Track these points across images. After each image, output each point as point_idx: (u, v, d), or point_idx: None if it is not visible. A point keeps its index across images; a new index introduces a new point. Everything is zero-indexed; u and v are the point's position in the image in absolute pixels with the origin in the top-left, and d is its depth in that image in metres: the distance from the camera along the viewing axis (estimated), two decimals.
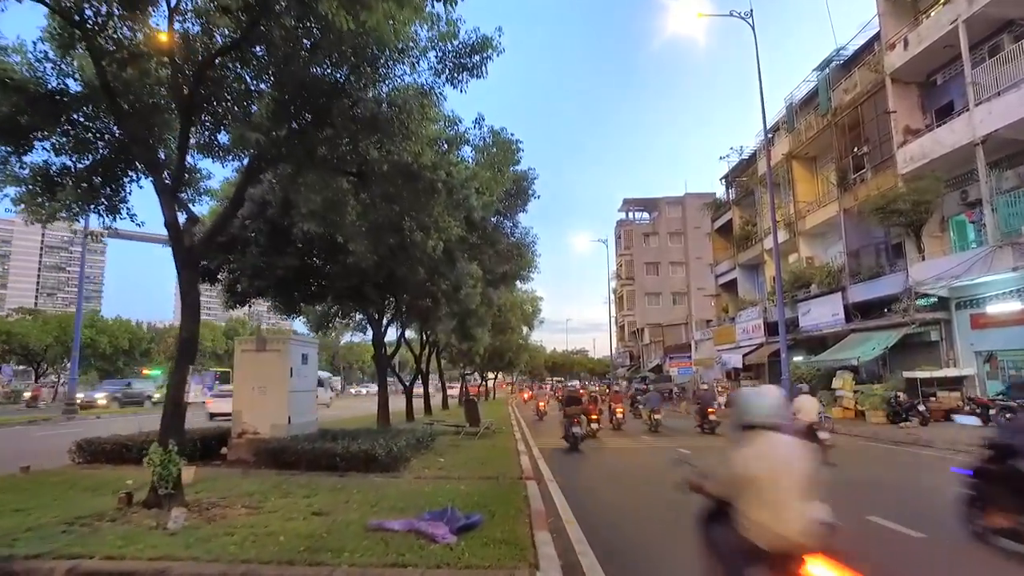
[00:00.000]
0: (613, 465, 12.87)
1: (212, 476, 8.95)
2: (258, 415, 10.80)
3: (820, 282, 27.05)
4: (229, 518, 6.36)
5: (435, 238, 9.43)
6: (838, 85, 26.70)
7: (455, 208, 8.80)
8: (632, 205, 73.74)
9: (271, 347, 11.05)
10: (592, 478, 10.83)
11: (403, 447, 10.38)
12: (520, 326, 42.62)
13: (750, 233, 36.95)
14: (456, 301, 19.14)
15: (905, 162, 21.24)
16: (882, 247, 24.69)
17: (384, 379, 17.11)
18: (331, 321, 23.66)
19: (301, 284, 16.33)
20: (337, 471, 9.59)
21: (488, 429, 16.73)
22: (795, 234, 30.27)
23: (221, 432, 11.41)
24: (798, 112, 31.06)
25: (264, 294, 16.72)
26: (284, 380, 10.88)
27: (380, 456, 9.69)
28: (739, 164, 39.90)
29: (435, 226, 9.37)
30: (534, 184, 15.64)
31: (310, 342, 12.71)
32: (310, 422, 11.81)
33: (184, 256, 7.29)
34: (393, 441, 10.64)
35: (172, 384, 7.07)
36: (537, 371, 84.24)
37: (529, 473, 9.98)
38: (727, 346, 38.49)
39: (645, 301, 67.90)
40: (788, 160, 30.96)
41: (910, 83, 22.19)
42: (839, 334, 25.84)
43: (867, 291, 24.04)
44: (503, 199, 15.62)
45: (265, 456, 9.86)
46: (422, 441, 12.41)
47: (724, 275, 41.23)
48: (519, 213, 15.99)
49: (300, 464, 9.70)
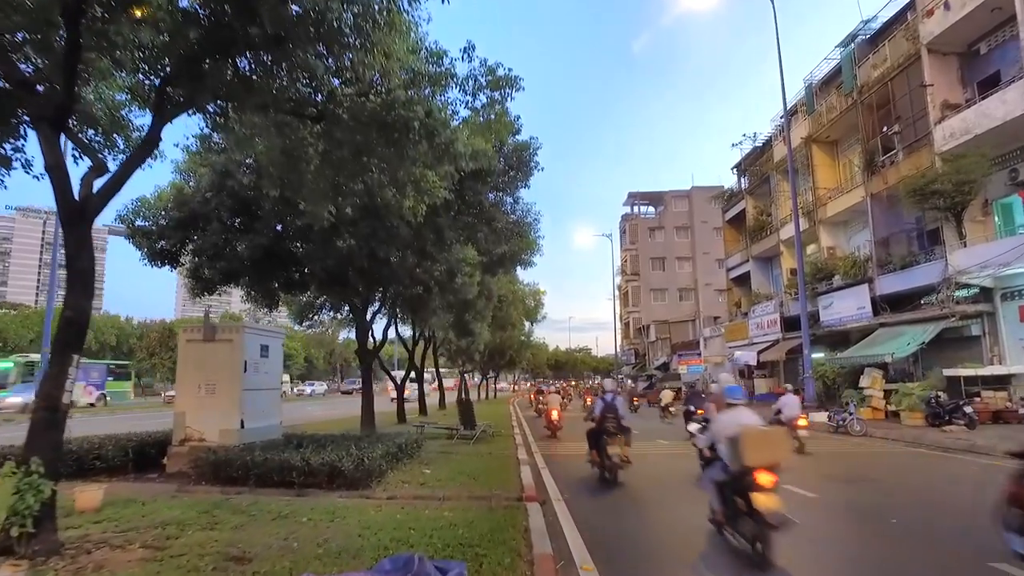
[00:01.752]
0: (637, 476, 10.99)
1: (132, 496, 7.12)
2: (205, 418, 8.98)
3: (845, 273, 25.17)
4: (109, 568, 4.53)
5: (412, 198, 7.57)
6: (864, 61, 24.78)
7: (438, 159, 6.94)
8: (637, 199, 71.78)
9: (221, 336, 9.21)
10: (612, 496, 8.96)
11: (378, 458, 8.55)
12: (522, 321, 40.73)
13: (764, 223, 35.07)
14: (451, 290, 17.31)
15: (944, 139, 19.33)
16: (914, 234, 22.80)
17: (369, 377, 15.27)
18: (316, 313, 21.82)
19: (275, 269, 14.52)
20: (293, 488, 7.77)
21: (485, 432, 14.90)
22: (815, 223, 28.37)
23: (163, 438, 9.55)
24: (818, 93, 29.16)
25: (233, 280, 14.91)
26: (236, 376, 9.05)
27: (347, 470, 7.87)
28: (752, 152, 38.03)
29: (414, 185, 7.53)
30: (536, 155, 13.78)
31: (272, 331, 10.82)
32: (271, 427, 9.96)
33: (72, 209, 5.46)
34: (369, 450, 8.82)
35: (47, 380, 5.26)
36: (539, 370, 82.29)
37: (531, 491, 8.13)
38: (739, 343, 36.65)
39: (651, 297, 65.99)
40: (807, 144, 29.06)
41: (949, 53, 20.26)
42: (865, 329, 23.98)
43: (898, 282, 22.16)
44: (502, 173, 13.78)
45: (206, 469, 8.04)
46: (405, 449, 10.58)
47: (736, 268, 39.33)
48: (520, 189, 14.14)
49: (248, 480, 7.88)
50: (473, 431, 14.47)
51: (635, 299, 67.33)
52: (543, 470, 11.12)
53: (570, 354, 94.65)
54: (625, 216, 72.07)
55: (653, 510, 7.96)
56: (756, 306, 34.75)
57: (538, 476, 10.20)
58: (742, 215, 38.09)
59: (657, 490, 9.41)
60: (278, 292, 16.50)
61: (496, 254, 14.36)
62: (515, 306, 34.50)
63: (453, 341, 33.02)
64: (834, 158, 29.03)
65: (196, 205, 12.87)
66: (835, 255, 27.79)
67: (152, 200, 13.10)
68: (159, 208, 13.05)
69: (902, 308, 22.34)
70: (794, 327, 30.65)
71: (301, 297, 20.24)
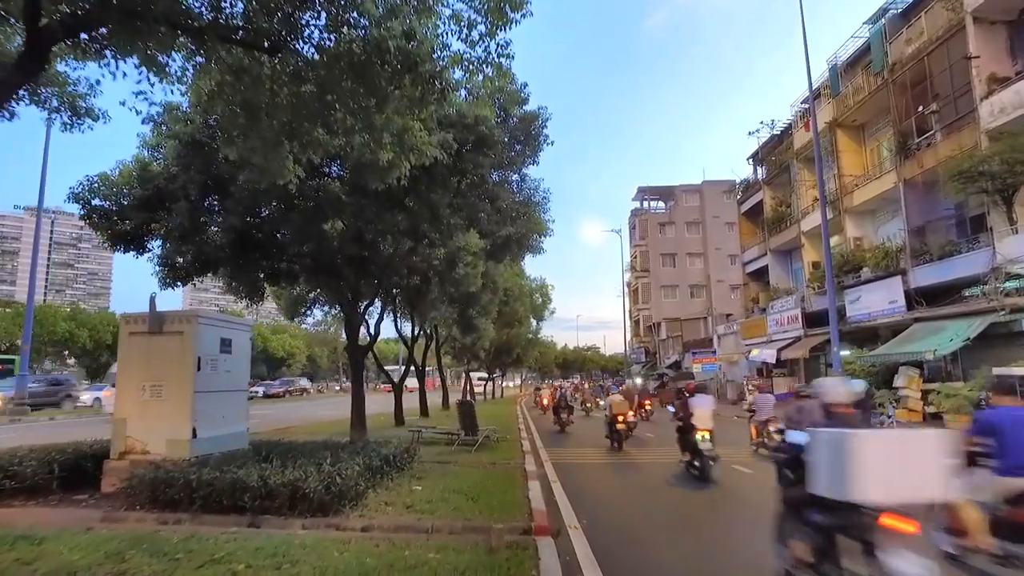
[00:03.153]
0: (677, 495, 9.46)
1: (31, 529, 5.58)
2: (149, 426, 7.49)
3: (875, 265, 23.44)
4: None
5: (390, 149, 6.02)
6: (896, 37, 23.05)
7: (422, 100, 5.41)
8: (647, 194, 69.97)
9: (171, 328, 7.71)
10: (642, 520, 7.41)
11: (355, 475, 7.01)
12: (528, 318, 39.13)
13: (784, 215, 33.32)
14: (451, 281, 15.83)
15: (992, 115, 17.62)
16: (953, 221, 21.06)
17: (360, 375, 13.75)
18: (309, 308, 20.36)
19: (256, 256, 13.06)
20: (247, 514, 6.27)
21: (488, 438, 13.36)
22: (841, 212, 26.63)
23: (105, 449, 8.00)
24: (843, 74, 27.42)
25: (210, 269, 13.47)
26: (188, 375, 7.55)
27: (314, 491, 6.35)
28: (770, 140, 36.28)
29: (395, 137, 5.98)
30: (546, 127, 12.20)
31: (236, 322, 9.24)
32: (234, 435, 8.44)
33: None
34: (346, 464, 7.31)
35: None
36: (547, 368, 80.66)
37: (542, 519, 6.58)
38: (757, 340, 34.92)
39: (661, 294, 64.21)
40: (832, 129, 27.33)
41: (996, 22, 18.54)
42: (897, 324, 22.29)
43: (935, 273, 20.47)
44: (507, 147, 12.23)
45: (141, 490, 6.54)
46: (393, 461, 9.06)
47: (753, 262, 37.60)
48: (527, 165, 12.57)
49: (192, 503, 6.38)
50: (475, 437, 12.94)
51: (645, 296, 65.59)
52: (554, 483, 9.58)
53: (579, 352, 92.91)
54: (634, 211, 70.30)
55: (700, 542, 6.39)
56: (775, 301, 33.04)
57: (549, 493, 8.67)
58: (759, 207, 36.36)
59: (705, 513, 7.83)
60: (263, 283, 15.05)
61: (500, 236, 12.78)
62: (521, 301, 32.94)
63: (457, 339, 31.56)
64: (860, 143, 27.30)
65: (162, 182, 11.41)
66: (862, 246, 26.08)
67: (114, 177, 11.65)
68: (121, 186, 11.60)
69: (940, 302, 20.66)
70: (817, 323, 29.01)
71: (292, 290, 18.82)
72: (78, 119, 7.99)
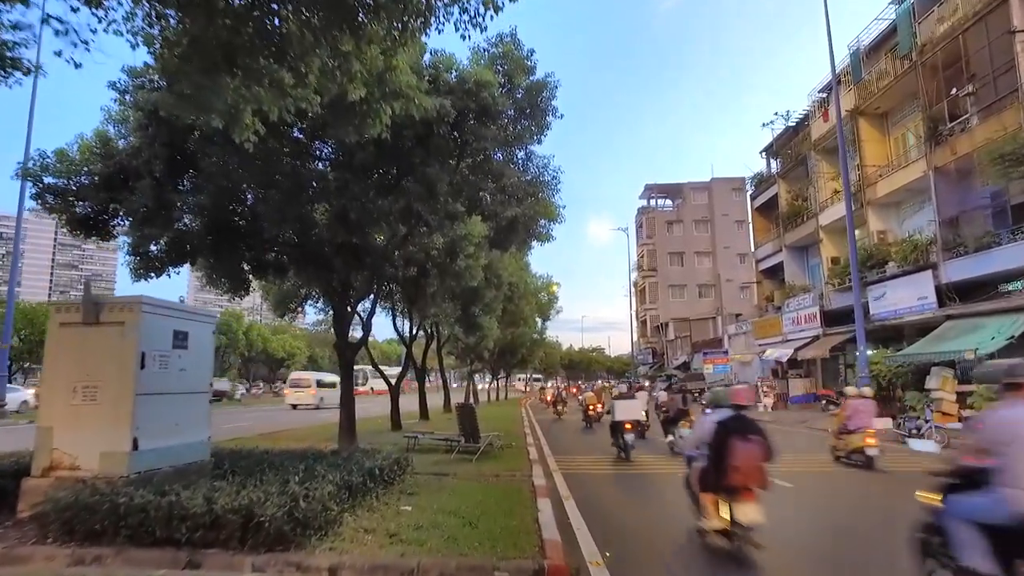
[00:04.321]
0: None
1: None
2: (80, 436, 6.20)
3: (904, 259, 22.03)
4: None
5: (361, 82, 4.69)
6: (926, 16, 21.70)
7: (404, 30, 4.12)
8: (654, 191, 68.53)
9: (110, 317, 6.42)
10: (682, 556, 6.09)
11: (325, 496, 5.71)
12: (534, 318, 37.79)
13: (800, 209, 31.92)
14: (452, 274, 14.55)
15: None
16: (990, 211, 19.65)
17: (350, 375, 12.44)
18: (299, 304, 19.08)
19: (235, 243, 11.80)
20: (186, 548, 4.98)
21: (491, 446, 12.03)
22: (863, 204, 25.22)
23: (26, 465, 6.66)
24: (865, 60, 26.03)
25: (186, 258, 12.23)
26: (128, 374, 6.26)
27: (271, 519, 5.05)
28: (784, 132, 34.91)
29: (375, 78, 4.70)
30: (555, 98, 10.88)
31: (195, 313, 7.83)
32: (191, 446, 7.13)
33: None
34: (318, 483, 6.03)
35: None
36: (552, 369, 79.30)
37: (556, 554, 5.27)
38: (771, 339, 33.56)
39: (669, 294, 62.81)
40: (854, 117, 25.92)
41: None
42: (927, 322, 20.93)
43: (971, 267, 19.11)
44: (512, 120, 10.93)
45: (55, 518, 5.26)
46: (381, 474, 7.76)
47: (767, 259, 36.19)
48: (534, 142, 11.23)
49: (117, 534, 5.09)
50: (477, 444, 11.61)
51: (652, 296, 64.19)
52: (567, 500, 8.27)
53: (584, 353, 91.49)
54: (641, 209, 68.92)
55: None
56: (791, 299, 31.66)
57: (562, 513, 7.36)
58: (773, 201, 34.97)
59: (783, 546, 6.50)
60: (247, 275, 13.77)
61: (505, 218, 11.42)
62: (527, 299, 31.62)
63: (460, 338, 30.28)
64: (884, 132, 25.90)
65: (124, 158, 10.16)
66: (886, 240, 24.70)
67: (72, 154, 10.39)
68: (80, 163, 10.34)
69: (975, 297, 19.30)
70: (836, 321, 27.65)
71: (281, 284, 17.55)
72: (3, 71, 6.76)
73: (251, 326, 65.64)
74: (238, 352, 65.10)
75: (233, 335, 62.17)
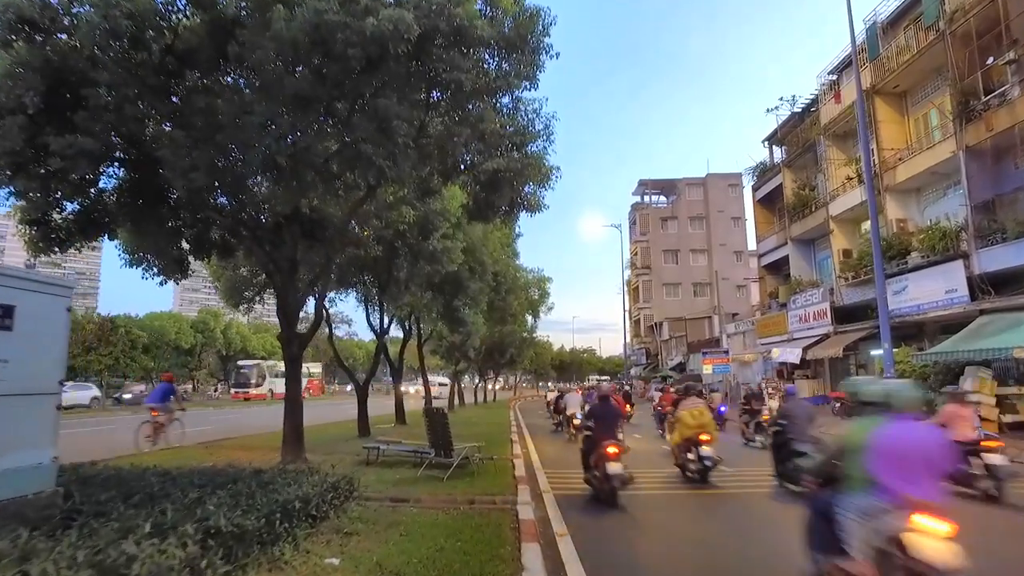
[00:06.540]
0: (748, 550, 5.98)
1: None
2: None
3: (930, 248, 20.03)
4: None
5: None
6: None
7: None
8: (648, 187, 66.59)
9: None
10: None
11: (181, 562, 3.48)
12: (524, 315, 35.57)
13: (808, 199, 29.93)
14: (426, 255, 12.36)
15: None
16: None
17: (296, 373, 10.14)
18: (258, 293, 16.75)
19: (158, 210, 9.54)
20: None
21: (468, 460, 9.77)
22: (880, 191, 23.21)
23: None
24: (883, 35, 24.09)
25: (101, 231, 9.97)
26: None
27: None
28: (790, 119, 32.99)
29: None
30: (549, 34, 8.70)
31: (27, 279, 5.45)
32: (20, 472, 4.86)
33: None
34: (180, 534, 3.81)
35: None
36: (543, 370, 77.03)
37: None
38: (776, 338, 31.58)
39: (663, 292, 60.88)
40: (869, 97, 23.85)
41: None
42: (954, 318, 18.96)
43: (1010, 255, 17.19)
44: (496, 52, 8.74)
45: None
46: (312, 505, 5.55)
47: (770, 253, 34.20)
48: (524, 87, 9.02)
49: None
50: (450, 458, 9.36)
51: (646, 294, 62.17)
52: (561, 538, 6.05)
53: (575, 354, 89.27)
54: (635, 205, 66.92)
55: None
56: (797, 295, 29.68)
57: (556, 566, 5.15)
58: (777, 192, 33.01)
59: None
60: (185, 254, 11.44)
61: (485, 172, 9.10)
62: (516, 294, 29.37)
63: (444, 335, 28.03)
64: (902, 113, 23.97)
65: None
66: (906, 229, 22.75)
67: None
68: None
69: (1015, 289, 17.32)
70: (848, 318, 25.66)
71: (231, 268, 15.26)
72: None
73: (229, 324, 62.79)
74: (216, 351, 62.41)
75: (210, 333, 59.48)
